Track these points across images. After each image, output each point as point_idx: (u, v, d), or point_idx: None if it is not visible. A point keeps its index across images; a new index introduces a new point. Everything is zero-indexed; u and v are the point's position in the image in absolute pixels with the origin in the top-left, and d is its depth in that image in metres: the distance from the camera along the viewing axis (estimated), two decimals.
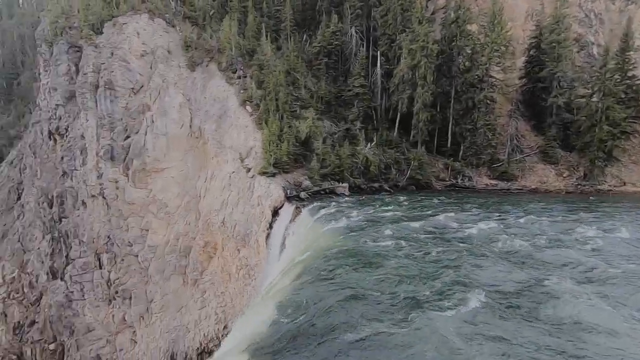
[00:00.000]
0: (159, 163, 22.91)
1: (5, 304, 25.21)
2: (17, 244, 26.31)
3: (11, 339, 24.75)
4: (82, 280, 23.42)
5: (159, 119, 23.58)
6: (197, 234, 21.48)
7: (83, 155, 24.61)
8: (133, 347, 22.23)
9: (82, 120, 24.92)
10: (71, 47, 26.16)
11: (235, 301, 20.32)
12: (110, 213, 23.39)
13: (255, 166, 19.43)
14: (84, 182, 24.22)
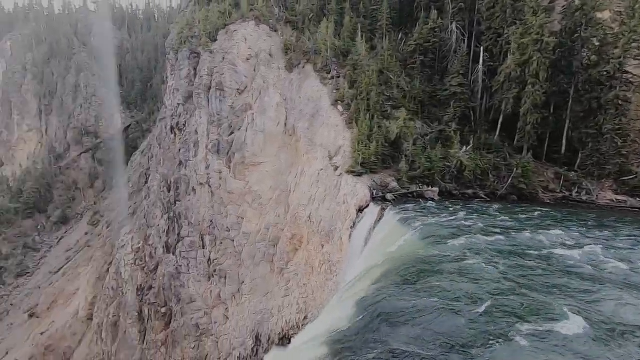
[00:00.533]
0: (256, 158, 23.73)
1: (132, 268, 28.84)
2: (143, 220, 29.91)
3: (135, 298, 28.21)
4: (189, 257, 25.54)
5: (258, 117, 24.41)
6: (286, 226, 21.70)
7: (195, 148, 26.79)
8: (225, 322, 23.50)
9: (197, 118, 27.11)
10: (192, 53, 28.68)
11: (316, 294, 20.00)
12: (214, 200, 25.01)
13: (343, 165, 18.75)
14: (195, 172, 26.34)
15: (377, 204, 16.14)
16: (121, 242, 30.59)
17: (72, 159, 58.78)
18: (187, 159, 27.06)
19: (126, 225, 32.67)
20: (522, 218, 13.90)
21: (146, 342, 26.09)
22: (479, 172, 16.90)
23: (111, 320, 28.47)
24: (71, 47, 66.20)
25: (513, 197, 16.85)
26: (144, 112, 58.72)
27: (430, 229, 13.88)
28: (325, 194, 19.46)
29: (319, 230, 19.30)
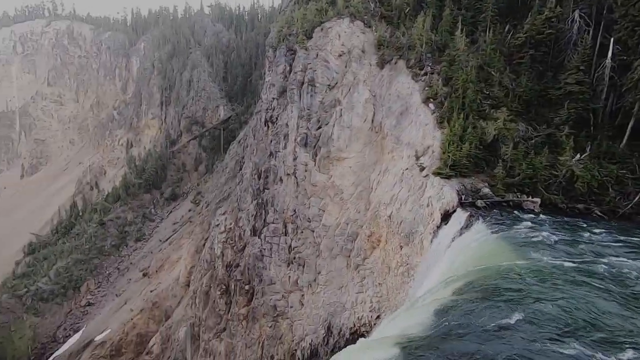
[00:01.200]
0: (340, 152, 23.82)
1: (223, 246, 31.61)
2: (235, 203, 32.48)
3: (224, 273, 30.90)
4: (272, 242, 26.96)
5: (346, 112, 24.41)
6: (365, 223, 21.43)
7: (285, 141, 28.01)
8: (300, 308, 24.31)
9: (288, 112, 28.26)
10: (288, 50, 29.89)
11: (390, 295, 19.40)
12: (298, 191, 25.88)
13: (430, 166, 17.67)
14: (283, 162, 27.58)
15: (465, 210, 14.86)
16: (216, 221, 33.71)
17: (183, 144, 66.64)
18: (277, 150, 28.44)
19: (221, 207, 35.93)
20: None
21: (230, 314, 28.45)
22: (594, 185, 14.35)
23: (203, 289, 31.70)
24: (188, 46, 74.64)
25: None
26: (243, 105, 63.54)
27: (525, 243, 12.33)
28: (408, 195, 18.64)
29: (398, 231, 18.61)
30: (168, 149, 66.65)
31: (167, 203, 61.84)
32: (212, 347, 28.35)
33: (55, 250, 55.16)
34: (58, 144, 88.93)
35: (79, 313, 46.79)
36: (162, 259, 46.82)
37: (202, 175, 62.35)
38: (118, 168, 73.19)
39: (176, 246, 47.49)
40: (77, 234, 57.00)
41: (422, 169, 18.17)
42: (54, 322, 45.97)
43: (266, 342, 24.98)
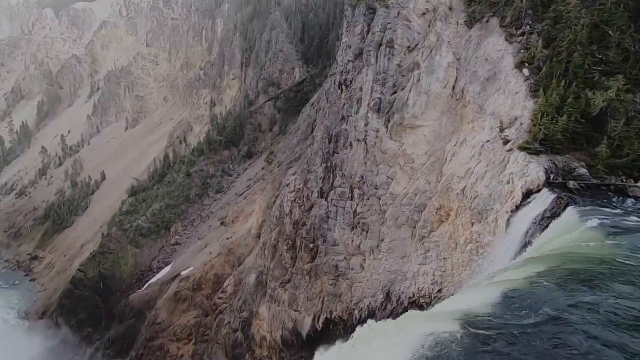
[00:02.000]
0: (415, 120, 22.62)
1: (292, 205, 33.03)
2: (305, 165, 33.31)
3: (291, 230, 32.53)
4: (338, 205, 27.39)
5: (424, 77, 22.80)
6: (435, 195, 20.51)
7: (358, 105, 27.37)
8: (361, 271, 24.82)
9: (363, 75, 27.31)
10: (368, 9, 28.32)
11: (455, 271, 18.74)
12: (367, 157, 25.50)
13: (516, 139, 15.95)
14: (354, 127, 27.18)
15: (552, 191, 13.30)
16: (286, 180, 35.15)
17: (259, 105, 69.18)
18: (349, 115, 28.01)
19: (292, 167, 37.21)
20: None
21: (295, 268, 30.22)
22: None
23: (272, 243, 33.94)
24: (268, 6, 74.93)
25: None
26: (318, 67, 62.97)
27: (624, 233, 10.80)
28: (486, 169, 17.22)
29: (471, 207, 17.50)
30: (246, 108, 69.89)
31: (243, 160, 65.94)
32: (277, 295, 30.72)
33: (151, 194, 63.10)
34: (154, 100, 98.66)
35: (169, 250, 53.80)
36: (237, 211, 50.90)
37: (276, 136, 64.68)
38: (202, 125, 79.29)
39: (250, 200, 51.04)
40: (168, 182, 64.19)
41: (505, 142, 16.51)
42: (150, 254, 53.67)
43: (326, 298, 26.25)
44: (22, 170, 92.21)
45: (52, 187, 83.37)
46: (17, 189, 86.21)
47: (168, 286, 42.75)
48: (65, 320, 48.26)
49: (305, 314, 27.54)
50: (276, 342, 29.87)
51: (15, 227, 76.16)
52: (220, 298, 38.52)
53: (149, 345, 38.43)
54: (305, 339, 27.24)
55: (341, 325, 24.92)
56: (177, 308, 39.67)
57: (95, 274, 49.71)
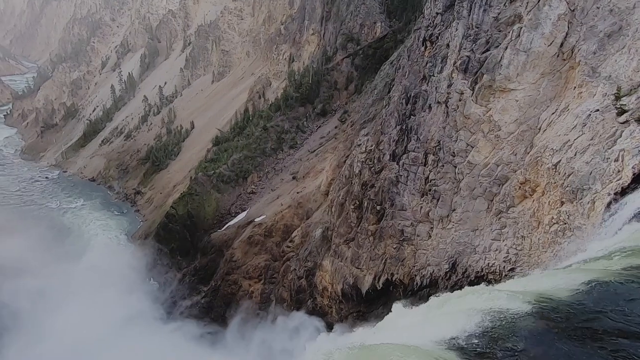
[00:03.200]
0: (507, 82, 20.12)
1: (362, 165, 32.84)
2: (379, 126, 32.37)
3: (359, 190, 32.66)
4: (409, 170, 26.50)
5: (526, 32, 19.80)
6: (520, 167, 18.58)
7: (442, 64, 25.14)
8: (427, 239, 24.27)
9: (452, 30, 24.71)
10: None
11: (533, 251, 17.28)
12: (447, 121, 23.77)
13: (636, 109, 13.35)
14: (435, 88, 25.26)
15: None
16: (358, 141, 34.74)
17: (337, 62, 67.69)
18: (431, 75, 25.98)
19: (365, 128, 36.49)
20: None
21: (360, 227, 30.68)
22: None
23: (340, 201, 34.61)
24: None
25: None
26: (402, 21, 58.56)
27: None
28: (589, 143, 14.91)
29: (563, 184, 15.54)
30: (323, 65, 69.01)
31: (317, 118, 66.46)
32: (340, 251, 31.82)
33: (232, 145, 67.82)
34: (237, 55, 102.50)
35: (246, 197, 58.35)
36: (308, 167, 52.43)
37: (351, 95, 63.41)
38: (280, 80, 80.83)
39: (321, 158, 52.01)
40: (247, 135, 68.03)
41: (620, 113, 13.95)
42: (229, 200, 58.89)
43: (388, 261, 26.45)
44: (129, 116, 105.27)
45: (152, 133, 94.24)
46: (125, 132, 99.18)
47: (243, 230, 46.92)
48: (161, 246, 56.52)
49: (366, 272, 28.24)
50: (336, 294, 31.46)
51: (124, 165, 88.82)
52: (288, 247, 41.23)
53: (225, 279, 43.42)
54: (364, 295, 28.18)
55: (401, 288, 25.13)
56: (250, 250, 43.64)
57: (185, 211, 56.48)
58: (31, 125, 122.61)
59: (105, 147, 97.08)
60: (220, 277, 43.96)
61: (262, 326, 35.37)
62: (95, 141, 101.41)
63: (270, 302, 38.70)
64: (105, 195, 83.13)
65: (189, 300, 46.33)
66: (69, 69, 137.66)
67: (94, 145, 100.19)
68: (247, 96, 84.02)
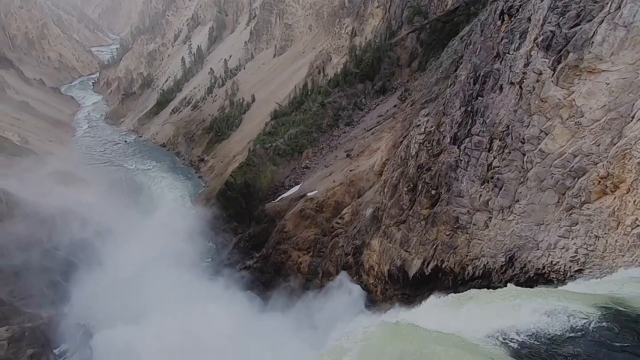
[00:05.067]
0: (598, 62, 17.66)
1: (419, 147, 31.59)
2: (441, 106, 30.60)
3: (414, 173, 31.65)
4: (471, 155, 24.95)
5: (629, 4, 17.00)
6: (602, 160, 16.53)
7: (520, 40, 22.72)
8: (484, 229, 23.01)
9: (537, 1, 22.05)
10: None
11: (607, 254, 15.62)
12: (519, 104, 21.74)
13: None
14: (509, 67, 23.07)
15: None
16: (418, 121, 33.28)
17: (401, 37, 64.47)
18: (506, 52, 23.68)
19: (426, 108, 34.74)
20: None
21: (412, 211, 29.93)
22: None
23: (393, 182, 33.88)
24: None
25: None
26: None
27: None
28: None
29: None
30: (387, 40, 66.17)
31: (376, 95, 64.61)
32: (390, 232, 31.47)
33: (289, 120, 68.97)
34: (300, 29, 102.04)
35: (299, 171, 59.62)
36: (363, 145, 51.72)
37: (414, 72, 60.40)
38: (341, 56, 79.29)
39: (377, 137, 50.91)
40: (304, 110, 68.54)
41: None
42: (284, 173, 60.63)
43: (439, 247, 25.64)
44: (196, 87, 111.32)
45: (216, 104, 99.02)
46: (192, 103, 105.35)
47: (295, 203, 48.27)
48: (220, 212, 60.52)
49: (415, 256, 27.73)
50: (383, 274, 31.46)
51: (190, 134, 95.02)
52: (338, 223, 41.72)
53: (276, 248, 45.46)
54: (411, 279, 27.82)
55: (451, 276, 24.35)
56: (301, 223, 44.95)
57: (242, 181, 59.41)
58: (114, 93, 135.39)
59: (175, 115, 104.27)
60: (272, 245, 46.12)
61: (308, 295, 36.85)
62: (166, 110, 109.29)
63: (317, 275, 39.92)
64: (173, 160, 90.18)
65: (242, 264, 49.55)
66: (146, 40, 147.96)
67: (165, 114, 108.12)
68: (306, 71, 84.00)
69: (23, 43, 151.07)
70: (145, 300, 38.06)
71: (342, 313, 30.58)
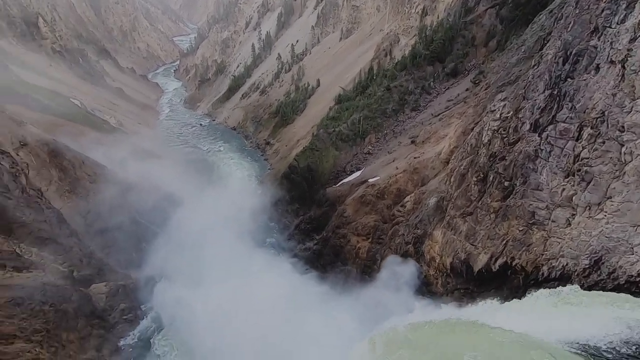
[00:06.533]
0: None
1: (493, 135, 29.19)
2: (522, 90, 27.73)
3: (485, 162, 29.46)
4: (555, 144, 22.43)
5: None
6: None
7: (627, 10, 19.43)
8: (565, 227, 20.77)
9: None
10: None
11: None
12: (620, 87, 18.83)
13: None
14: (610, 44, 19.96)
15: None
16: (492, 106, 30.64)
17: (478, 14, 59.28)
18: (606, 26, 20.47)
19: (503, 92, 31.76)
20: None
21: (481, 202, 28.03)
22: None
23: (461, 171, 31.93)
24: None
25: None
26: None
27: None
28: None
29: None
30: (461, 18, 61.37)
31: (447, 78, 60.75)
32: (455, 224, 29.92)
33: (353, 104, 68.23)
34: (368, 10, 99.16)
35: (361, 157, 59.09)
36: (430, 131, 49.32)
37: (491, 53, 55.40)
38: (410, 37, 75.63)
39: (445, 123, 48.14)
40: (369, 94, 67.16)
41: None
42: (346, 158, 60.60)
43: (510, 243, 23.76)
44: (264, 73, 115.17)
45: (282, 89, 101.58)
46: (261, 88, 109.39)
47: (357, 188, 48.13)
48: (283, 193, 62.89)
49: (482, 250, 26.09)
50: (444, 266, 30.22)
51: (257, 118, 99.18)
52: (399, 211, 40.79)
53: (335, 232, 46.07)
54: (476, 274, 26.32)
55: (522, 275, 22.51)
56: (361, 209, 44.82)
57: (305, 164, 60.74)
58: (191, 79, 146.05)
59: (244, 100, 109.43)
60: (332, 229, 46.83)
61: (365, 279, 36.98)
62: (237, 95, 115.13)
63: (376, 261, 39.74)
64: (242, 143, 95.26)
65: (302, 244, 51.21)
66: (221, 29, 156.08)
67: (235, 99, 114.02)
68: (373, 54, 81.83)
69: (118, 35, 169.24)
70: (209, 265, 42.13)
71: (396, 298, 30.43)
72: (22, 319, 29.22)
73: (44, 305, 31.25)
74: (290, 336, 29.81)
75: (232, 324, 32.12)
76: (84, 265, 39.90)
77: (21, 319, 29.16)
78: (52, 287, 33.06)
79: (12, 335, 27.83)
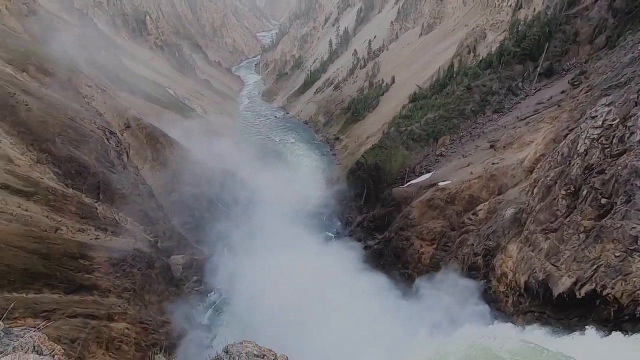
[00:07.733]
0: None
1: (591, 144, 25.71)
2: (633, 95, 23.89)
3: (579, 174, 26.10)
4: None
5: None
6: None
7: None
8: None
9: None
10: None
11: None
12: None
13: None
14: None
15: None
16: (594, 112, 26.91)
17: (584, 6, 52.34)
18: None
19: (608, 95, 27.67)
20: None
21: (569, 219, 24.98)
22: None
23: (547, 182, 28.75)
24: None
25: None
26: None
27: None
28: None
29: None
30: (563, 11, 54.70)
31: (539, 79, 54.85)
32: (534, 239, 27.12)
33: (428, 103, 65.39)
34: (452, 4, 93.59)
35: (433, 159, 56.49)
36: (513, 136, 45.15)
37: (597, 50, 48.56)
38: (498, 33, 69.73)
39: (532, 128, 43.64)
40: (447, 93, 63.68)
41: None
42: (416, 159, 58.48)
43: (602, 269, 20.82)
44: (339, 68, 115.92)
45: (356, 85, 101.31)
46: (335, 83, 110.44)
47: (425, 191, 46.21)
48: (348, 189, 63.09)
49: (565, 272, 23.28)
50: (517, 284, 27.65)
51: (329, 113, 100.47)
52: (470, 219, 38.25)
53: (399, 233, 44.91)
54: (555, 298, 23.62)
55: (614, 307, 19.61)
56: (427, 213, 42.98)
57: (372, 162, 60.04)
58: (270, 73, 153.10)
59: (318, 95, 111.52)
60: (395, 230, 45.74)
61: (426, 285, 35.59)
62: (311, 90, 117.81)
63: (439, 269, 37.90)
64: (312, 136, 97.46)
65: (364, 242, 50.93)
66: (301, 25, 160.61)
67: (309, 93, 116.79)
68: (454, 51, 77.24)
69: (209, 31, 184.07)
70: (275, 247, 44.89)
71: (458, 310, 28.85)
72: (116, 277, 33.84)
73: (133, 267, 35.81)
74: (353, 323, 30.92)
75: (299, 309, 33.72)
76: (167, 238, 44.74)
77: (115, 277, 33.79)
78: (141, 253, 37.68)
79: (108, 290, 32.40)
